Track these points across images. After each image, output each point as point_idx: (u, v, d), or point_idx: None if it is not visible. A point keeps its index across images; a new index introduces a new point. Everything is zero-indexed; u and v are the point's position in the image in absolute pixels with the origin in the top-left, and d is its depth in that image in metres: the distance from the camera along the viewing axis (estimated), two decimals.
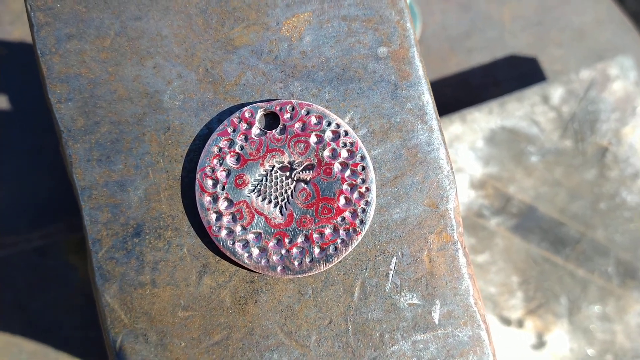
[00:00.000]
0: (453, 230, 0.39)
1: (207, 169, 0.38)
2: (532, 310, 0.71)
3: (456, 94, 0.82)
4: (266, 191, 0.39)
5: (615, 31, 0.84)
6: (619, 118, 0.72)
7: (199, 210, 0.38)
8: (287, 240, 0.38)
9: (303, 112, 0.39)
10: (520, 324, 0.71)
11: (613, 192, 0.71)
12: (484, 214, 0.71)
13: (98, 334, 0.75)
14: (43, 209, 0.77)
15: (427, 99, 0.40)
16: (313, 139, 0.39)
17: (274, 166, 0.39)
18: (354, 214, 0.38)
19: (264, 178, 0.39)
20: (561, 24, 0.84)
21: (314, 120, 0.39)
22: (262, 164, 0.39)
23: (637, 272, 0.71)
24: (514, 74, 0.83)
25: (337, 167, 0.39)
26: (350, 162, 0.39)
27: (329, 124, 0.39)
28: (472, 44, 0.84)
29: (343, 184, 0.39)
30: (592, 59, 0.83)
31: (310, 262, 0.38)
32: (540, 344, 0.70)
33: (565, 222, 0.71)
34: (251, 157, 0.39)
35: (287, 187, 0.39)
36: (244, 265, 0.38)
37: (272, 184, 0.39)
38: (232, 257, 0.38)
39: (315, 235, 0.38)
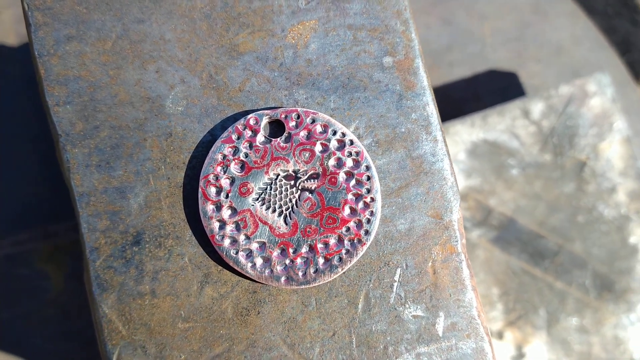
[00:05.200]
0: (457, 241, 0.39)
1: (211, 177, 0.37)
2: (512, 322, 0.71)
3: (438, 107, 0.82)
4: (270, 200, 0.38)
5: (591, 48, 0.86)
6: (596, 133, 0.73)
7: (202, 219, 0.37)
8: (291, 250, 0.38)
9: (308, 120, 0.38)
10: (500, 335, 0.71)
11: (590, 206, 0.73)
12: (465, 226, 0.72)
13: (70, 346, 0.73)
14: (15, 216, 0.74)
15: (432, 110, 0.40)
16: (318, 148, 0.38)
17: (278, 174, 0.38)
18: (359, 224, 0.38)
19: (269, 186, 0.38)
20: (539, 40, 0.86)
21: (319, 128, 0.38)
22: (266, 172, 0.38)
23: (614, 285, 0.72)
24: (494, 88, 0.84)
25: (342, 176, 0.38)
26: (355, 171, 0.38)
27: (335, 133, 0.38)
28: (453, 58, 0.85)
29: (348, 193, 0.38)
30: (568, 74, 0.85)
31: (314, 272, 0.37)
32: (519, 356, 0.71)
33: (544, 235, 0.72)
34: (256, 165, 0.38)
35: (291, 196, 0.38)
36: (248, 275, 0.37)
37: (277, 192, 0.38)
38: (236, 267, 0.37)
39: (319, 246, 0.38)
